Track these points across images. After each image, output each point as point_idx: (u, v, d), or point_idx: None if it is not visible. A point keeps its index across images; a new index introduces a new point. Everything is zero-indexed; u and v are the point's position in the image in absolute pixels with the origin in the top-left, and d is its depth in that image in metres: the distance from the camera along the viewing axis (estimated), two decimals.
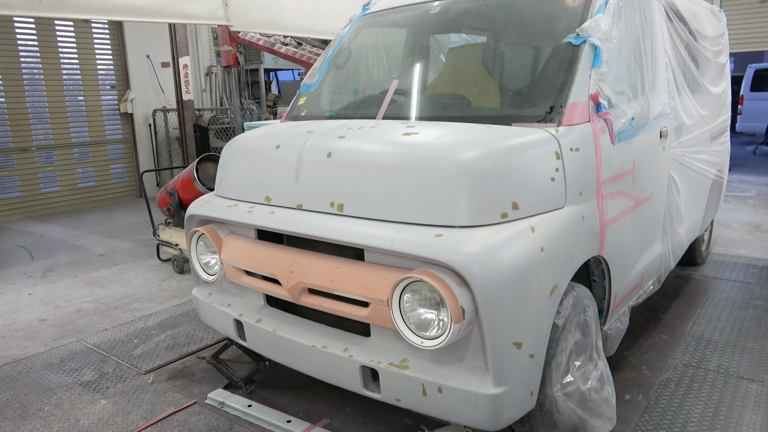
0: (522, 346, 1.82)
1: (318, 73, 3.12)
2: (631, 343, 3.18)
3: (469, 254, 1.74)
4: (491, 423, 1.87)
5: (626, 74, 2.56)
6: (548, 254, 1.91)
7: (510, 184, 1.94)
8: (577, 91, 2.24)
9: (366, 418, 2.56)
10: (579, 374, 2.20)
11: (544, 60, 2.53)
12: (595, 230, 2.21)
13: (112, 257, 5.47)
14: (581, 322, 2.20)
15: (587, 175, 2.20)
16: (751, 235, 5.50)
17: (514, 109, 2.45)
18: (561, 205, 2.08)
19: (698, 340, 3.24)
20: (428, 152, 1.98)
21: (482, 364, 1.86)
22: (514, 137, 2.07)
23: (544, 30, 2.60)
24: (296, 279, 2.11)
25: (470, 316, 1.77)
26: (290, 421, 2.51)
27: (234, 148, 2.55)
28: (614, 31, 2.42)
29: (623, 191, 2.46)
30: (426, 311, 1.85)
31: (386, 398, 2.01)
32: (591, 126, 2.24)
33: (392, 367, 1.95)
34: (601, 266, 2.39)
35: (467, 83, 2.84)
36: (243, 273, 2.40)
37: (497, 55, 2.89)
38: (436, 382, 1.86)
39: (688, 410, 2.56)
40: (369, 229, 1.94)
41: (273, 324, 2.32)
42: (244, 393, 2.77)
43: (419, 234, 1.85)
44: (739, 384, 2.77)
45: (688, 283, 4.17)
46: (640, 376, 2.85)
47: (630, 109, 2.50)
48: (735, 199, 7.10)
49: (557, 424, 2.09)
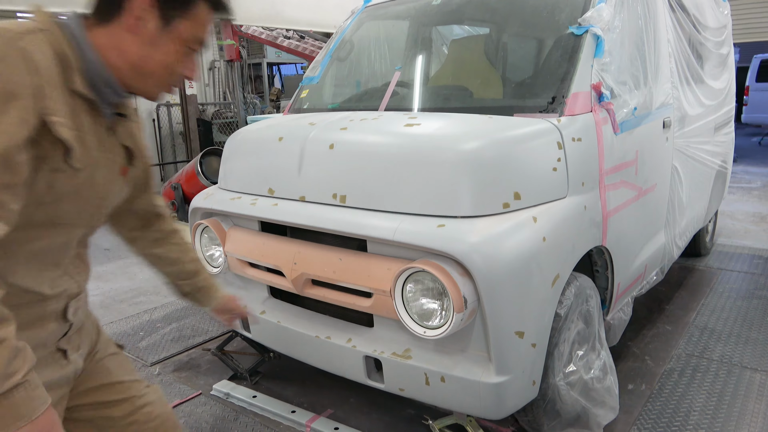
0: (524, 336, 1.83)
1: (320, 66, 3.13)
2: (635, 334, 3.19)
3: (472, 244, 1.75)
4: (494, 412, 1.88)
5: (629, 64, 2.56)
6: (550, 244, 1.91)
7: (512, 175, 1.95)
8: (579, 81, 2.24)
9: (370, 408, 2.58)
10: (582, 364, 2.21)
11: (546, 50, 2.52)
12: (597, 220, 2.21)
13: (118, 251, 5.50)
14: (584, 312, 2.20)
15: (589, 165, 2.20)
16: (756, 226, 5.48)
17: (516, 99, 2.45)
18: (563, 195, 2.08)
19: (702, 331, 3.25)
20: (430, 143, 1.99)
21: (485, 354, 1.87)
22: (516, 127, 2.08)
23: (546, 20, 2.60)
24: (300, 270, 2.13)
25: (472, 305, 1.78)
26: (295, 411, 2.53)
27: (237, 141, 2.56)
28: (617, 21, 2.41)
29: (626, 181, 2.46)
30: (428, 301, 1.86)
31: (389, 388, 2.03)
32: (593, 116, 2.24)
33: (395, 356, 1.96)
34: (604, 256, 2.39)
35: (469, 75, 2.84)
36: (247, 265, 2.41)
37: (499, 46, 2.89)
38: (439, 372, 1.87)
39: (691, 400, 2.56)
40: (371, 219, 1.95)
41: (277, 315, 2.34)
42: (248, 384, 2.80)
43: (421, 224, 1.85)
44: (743, 374, 2.77)
45: (692, 274, 4.17)
46: (643, 366, 2.86)
47: (632, 99, 2.49)
48: (740, 191, 7.07)
49: (560, 413, 2.11)
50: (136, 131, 1.31)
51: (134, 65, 1.10)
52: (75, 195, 1.10)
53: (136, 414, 1.38)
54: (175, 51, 1.11)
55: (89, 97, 1.08)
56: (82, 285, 1.25)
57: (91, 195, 1.14)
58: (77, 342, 1.26)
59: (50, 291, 1.14)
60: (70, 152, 1.04)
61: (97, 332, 1.38)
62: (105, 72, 1.10)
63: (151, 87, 1.16)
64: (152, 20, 1.07)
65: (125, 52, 1.09)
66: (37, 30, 1.02)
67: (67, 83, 1.03)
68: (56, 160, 1.03)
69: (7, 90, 0.93)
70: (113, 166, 1.20)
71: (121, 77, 1.12)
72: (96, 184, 1.14)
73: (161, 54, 1.10)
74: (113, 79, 1.11)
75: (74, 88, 1.04)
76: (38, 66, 0.97)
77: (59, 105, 1.01)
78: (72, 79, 1.04)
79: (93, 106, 1.10)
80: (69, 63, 1.04)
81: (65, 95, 1.03)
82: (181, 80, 1.18)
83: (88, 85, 1.08)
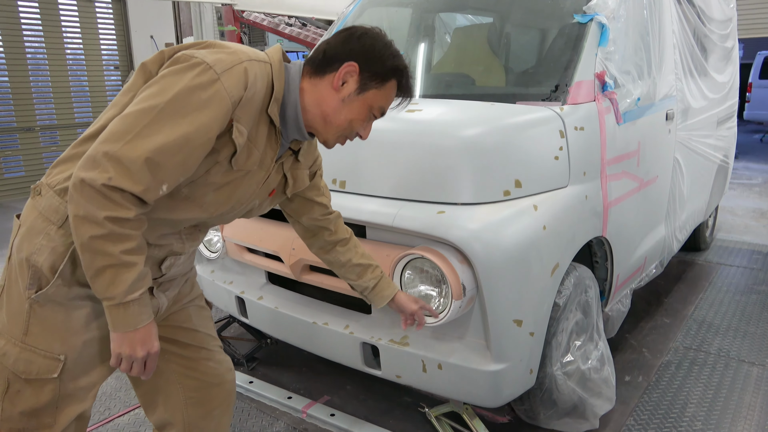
0: (522, 324, 1.82)
1: None
2: (633, 326, 3.18)
3: (471, 231, 1.74)
4: (491, 400, 1.88)
5: (633, 54, 2.53)
6: (550, 233, 1.90)
7: (513, 162, 1.93)
8: (583, 69, 2.22)
9: (366, 395, 2.57)
10: (579, 354, 2.20)
11: (550, 38, 2.50)
12: (598, 210, 2.19)
13: None
14: (582, 303, 2.19)
15: (591, 154, 2.19)
16: (756, 222, 5.47)
17: (518, 87, 2.43)
18: (564, 184, 2.06)
19: (700, 324, 3.24)
20: (431, 129, 1.97)
21: (482, 341, 1.86)
22: (518, 115, 2.06)
23: (550, 8, 2.57)
24: (298, 256, 2.11)
25: (471, 293, 1.77)
26: (291, 397, 2.53)
27: None
28: (622, 10, 2.39)
29: (627, 172, 2.45)
30: (427, 288, 1.85)
31: (386, 375, 2.02)
32: (596, 105, 2.22)
33: (393, 343, 1.96)
34: (604, 247, 2.38)
35: (472, 63, 2.82)
36: (245, 250, 2.40)
37: (503, 34, 2.86)
38: (437, 359, 1.87)
39: (688, 392, 2.56)
40: (371, 205, 1.94)
41: (274, 301, 2.33)
42: (245, 370, 2.79)
43: (421, 211, 1.84)
44: (740, 367, 2.77)
45: (691, 268, 4.16)
46: (640, 358, 2.86)
47: (636, 90, 2.47)
48: (741, 186, 7.05)
49: (557, 402, 2.10)
50: (303, 168, 1.54)
51: (325, 115, 1.34)
52: (219, 188, 1.30)
53: (200, 364, 1.58)
54: (360, 112, 1.36)
55: (275, 122, 1.31)
56: (187, 248, 1.44)
57: (232, 195, 1.34)
58: (167, 286, 1.46)
59: (155, 242, 1.34)
60: (235, 154, 1.26)
61: (191, 285, 1.59)
62: (298, 111, 1.34)
63: (331, 135, 1.38)
64: (353, 84, 1.33)
65: (322, 102, 1.34)
66: (265, 61, 1.28)
67: (264, 105, 1.28)
68: (222, 156, 1.25)
69: (222, 95, 1.17)
70: (264, 184, 1.41)
71: (308, 121, 1.36)
72: (240, 189, 1.35)
73: (349, 112, 1.35)
74: (302, 119, 1.35)
75: (268, 111, 1.28)
76: (250, 85, 1.22)
77: (248, 117, 1.24)
78: (271, 104, 1.28)
79: (274, 132, 1.33)
80: (274, 93, 1.29)
81: (258, 114, 1.27)
82: (354, 137, 1.42)
83: (279, 114, 1.32)
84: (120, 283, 1.16)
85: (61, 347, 1.29)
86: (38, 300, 1.26)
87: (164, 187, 1.17)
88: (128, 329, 1.21)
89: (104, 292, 1.17)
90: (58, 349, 1.28)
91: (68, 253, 1.25)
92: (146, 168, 1.12)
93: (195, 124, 1.15)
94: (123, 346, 1.23)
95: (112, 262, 1.14)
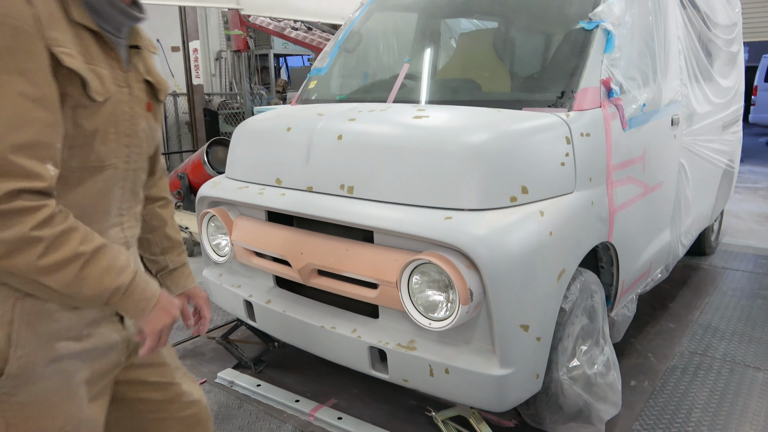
0: (529, 329, 1.84)
1: (329, 57, 3.12)
2: (638, 331, 3.19)
3: (478, 237, 1.76)
4: (497, 404, 1.89)
5: (638, 60, 2.55)
6: (556, 238, 1.91)
7: (519, 168, 1.95)
8: (589, 76, 2.23)
9: (373, 398, 2.59)
10: (585, 359, 2.21)
11: (555, 45, 2.52)
12: (603, 216, 2.21)
13: None
14: (588, 308, 2.21)
15: (597, 160, 2.20)
16: (761, 226, 5.47)
17: (524, 93, 2.45)
18: (570, 190, 2.08)
19: (705, 329, 3.25)
20: (438, 135, 1.99)
21: (489, 346, 1.88)
22: (524, 121, 2.07)
23: (556, 14, 2.59)
24: (306, 260, 2.13)
25: (478, 298, 1.78)
26: (298, 400, 2.55)
27: (245, 129, 2.56)
28: (627, 16, 2.40)
29: (633, 178, 2.46)
30: (434, 293, 1.87)
31: (393, 379, 2.04)
32: (602, 111, 2.24)
33: (400, 348, 1.97)
34: (610, 252, 2.39)
35: (478, 68, 2.84)
36: (253, 254, 2.42)
37: (508, 40, 2.88)
38: (443, 363, 1.88)
39: (694, 397, 2.57)
40: (378, 211, 1.96)
41: (282, 305, 2.34)
42: (253, 373, 2.81)
43: (428, 216, 1.86)
44: (745, 372, 2.78)
45: (696, 273, 4.17)
46: (646, 363, 2.87)
47: (641, 95, 2.48)
48: (746, 190, 7.04)
49: (562, 407, 2.11)
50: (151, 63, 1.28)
51: None
52: (102, 134, 1.08)
53: (174, 402, 1.40)
54: None
55: (93, 28, 1.05)
56: (129, 235, 1.23)
57: (118, 132, 1.12)
58: None
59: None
60: (86, 84, 1.02)
61: None
62: None
63: None
64: None
65: None
66: None
67: (66, 15, 1.01)
68: (75, 96, 1.02)
69: (11, 24, 0.91)
70: (136, 102, 1.17)
71: None
72: (120, 121, 1.12)
73: None
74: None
75: (74, 19, 1.02)
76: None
77: (64, 36, 0.99)
78: (69, 9, 1.01)
79: (101, 39, 1.08)
80: None
81: (68, 27, 1.01)
82: None
83: (89, 14, 1.05)
84: (107, 269, 1.01)
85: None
86: (5, 390, 1.02)
87: (49, 166, 0.97)
88: (151, 304, 1.10)
89: (102, 293, 1.02)
90: None
91: (12, 311, 1.02)
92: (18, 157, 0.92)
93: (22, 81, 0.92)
94: (157, 322, 1.12)
95: (80, 260, 0.98)
